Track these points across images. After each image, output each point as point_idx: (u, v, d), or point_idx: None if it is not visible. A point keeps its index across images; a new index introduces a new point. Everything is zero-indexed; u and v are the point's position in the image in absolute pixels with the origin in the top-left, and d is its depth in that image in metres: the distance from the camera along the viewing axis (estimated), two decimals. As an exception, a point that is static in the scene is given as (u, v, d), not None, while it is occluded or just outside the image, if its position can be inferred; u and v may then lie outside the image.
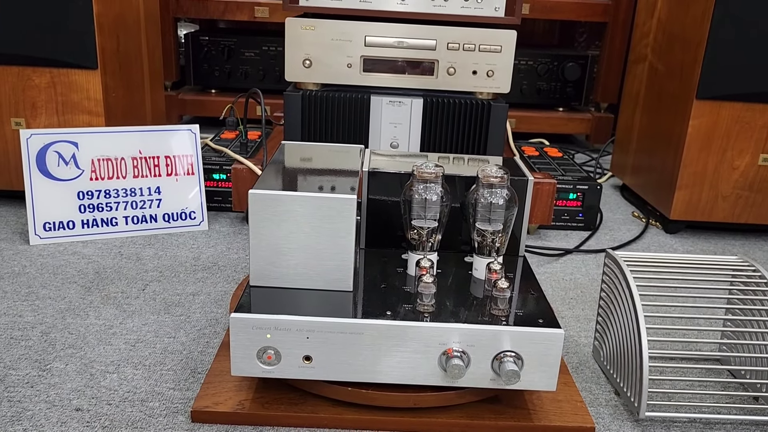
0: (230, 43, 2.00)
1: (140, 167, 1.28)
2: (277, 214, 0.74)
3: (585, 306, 1.09)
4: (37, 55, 1.26)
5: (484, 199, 0.80)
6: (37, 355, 0.87)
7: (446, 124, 1.26)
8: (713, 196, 1.37)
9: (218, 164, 1.40)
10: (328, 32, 1.23)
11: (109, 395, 0.79)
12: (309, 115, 1.25)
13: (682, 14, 1.37)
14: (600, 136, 2.06)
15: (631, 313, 0.80)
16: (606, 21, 2.01)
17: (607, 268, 0.88)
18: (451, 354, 0.71)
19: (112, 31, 1.33)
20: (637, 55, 1.60)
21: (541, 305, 0.77)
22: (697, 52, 1.30)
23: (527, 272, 0.86)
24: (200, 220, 1.32)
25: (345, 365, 0.72)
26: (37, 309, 0.98)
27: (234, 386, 0.79)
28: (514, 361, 0.71)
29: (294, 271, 0.76)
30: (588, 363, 0.93)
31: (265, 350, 0.71)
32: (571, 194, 1.40)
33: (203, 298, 1.04)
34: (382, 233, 0.90)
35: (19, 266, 1.12)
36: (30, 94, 1.29)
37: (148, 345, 0.90)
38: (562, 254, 1.30)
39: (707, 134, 1.33)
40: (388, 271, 0.83)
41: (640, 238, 1.40)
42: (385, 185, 0.88)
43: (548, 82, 2.02)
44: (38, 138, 1.21)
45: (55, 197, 1.22)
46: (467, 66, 1.25)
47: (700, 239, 1.42)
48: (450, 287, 0.80)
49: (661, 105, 1.45)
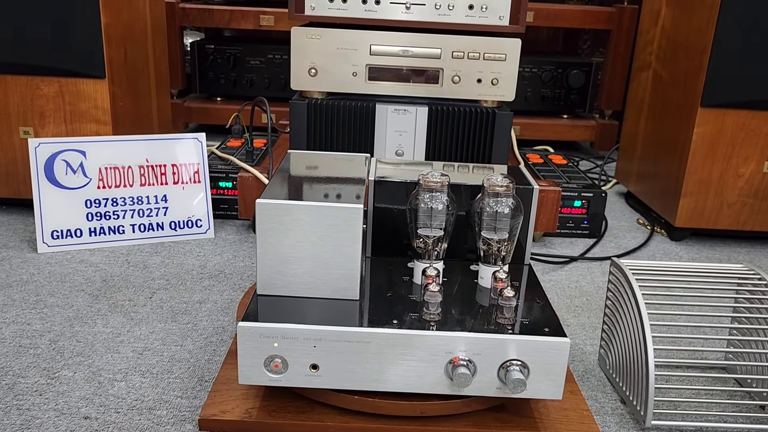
0: (236, 51, 2.01)
1: (147, 175, 1.28)
2: (284, 223, 0.74)
3: (590, 314, 1.09)
4: (45, 65, 1.27)
5: (490, 208, 0.80)
6: (46, 363, 0.87)
7: (451, 132, 1.27)
8: (718, 204, 1.37)
9: (224, 172, 1.40)
10: (333, 41, 1.24)
11: (117, 403, 0.80)
12: (314, 124, 1.26)
13: (686, 22, 1.38)
14: (604, 143, 2.06)
15: (637, 321, 0.80)
16: (610, 28, 2.02)
17: (613, 276, 0.88)
18: (457, 363, 0.71)
19: (120, 41, 1.34)
20: (641, 62, 1.60)
21: (546, 314, 0.77)
22: (701, 60, 1.30)
23: (533, 280, 0.86)
24: (206, 228, 1.32)
25: (352, 374, 0.72)
26: (45, 317, 0.99)
27: (241, 394, 0.79)
28: (520, 370, 0.71)
29: (301, 279, 0.77)
30: (594, 371, 0.93)
31: (272, 359, 0.72)
32: (576, 202, 1.40)
33: (210, 306, 1.05)
34: (388, 242, 0.90)
35: (27, 274, 1.12)
36: (38, 103, 1.30)
37: (156, 353, 0.91)
38: (567, 262, 1.30)
39: (712, 142, 1.33)
40: (394, 279, 0.84)
41: (645, 246, 1.40)
42: (392, 194, 0.88)
43: (552, 89, 2.03)
44: (46, 147, 1.22)
45: (63, 205, 1.23)
46: (472, 74, 1.26)
47: (706, 247, 1.42)
48: (456, 296, 0.80)
49: (666, 112, 1.45)
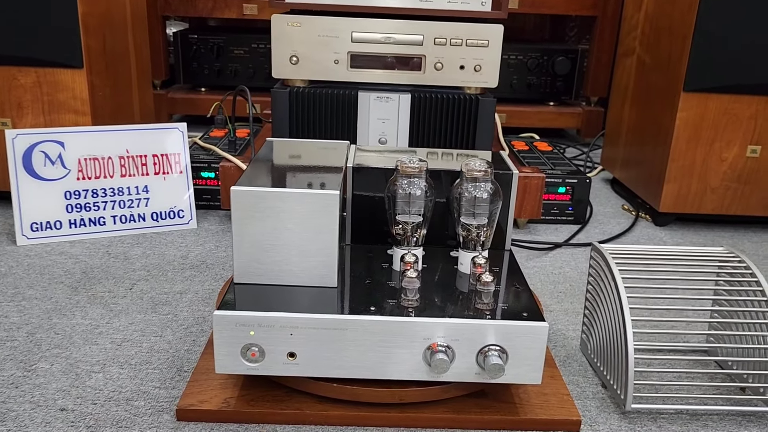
0: (219, 41, 1.99)
1: (128, 166, 1.27)
2: (260, 210, 0.74)
3: (574, 299, 1.09)
4: (22, 55, 1.25)
5: (468, 193, 0.80)
6: (23, 356, 0.86)
7: (434, 119, 1.26)
8: (702, 189, 1.37)
9: (206, 162, 1.39)
10: (314, 28, 1.23)
11: (95, 395, 0.79)
12: (296, 112, 1.25)
13: (669, 6, 1.37)
14: (591, 130, 2.06)
15: (617, 305, 0.80)
16: (595, 15, 2.01)
17: (593, 261, 0.88)
18: (435, 349, 0.71)
19: (98, 29, 1.32)
20: (625, 48, 1.60)
21: (525, 299, 0.77)
22: (683, 44, 1.30)
23: (513, 266, 0.86)
24: (189, 218, 1.31)
25: (329, 361, 0.72)
26: (23, 309, 0.98)
27: (219, 384, 0.79)
28: (498, 355, 0.71)
29: (278, 267, 0.76)
30: (575, 356, 0.93)
31: (248, 347, 0.71)
32: (561, 188, 1.40)
33: (191, 297, 1.04)
34: (367, 229, 0.89)
35: (6, 267, 1.11)
36: (16, 93, 1.29)
37: (135, 344, 0.90)
38: (551, 248, 1.30)
39: (695, 126, 1.33)
40: (374, 266, 0.83)
41: (629, 231, 1.40)
42: (371, 181, 0.87)
43: (538, 76, 2.02)
44: (24, 138, 1.20)
45: (42, 197, 1.22)
46: (454, 61, 1.25)
47: (690, 231, 1.42)
48: (435, 282, 0.80)
49: (649, 98, 1.45)
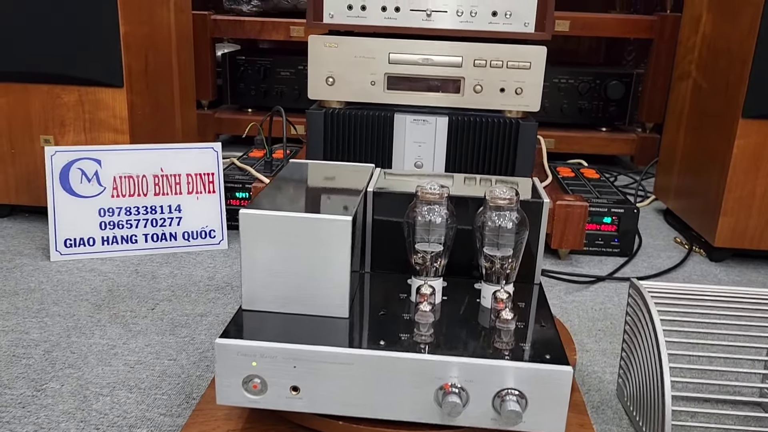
0: (266, 62, 2.00)
1: (161, 185, 1.27)
2: (269, 235, 0.71)
3: (613, 339, 1.01)
4: (65, 73, 1.28)
5: (492, 222, 0.75)
6: (36, 374, 0.85)
7: (472, 143, 1.21)
8: (762, 223, 1.27)
9: (241, 183, 1.38)
10: (351, 49, 1.21)
11: (99, 419, 0.77)
12: (332, 134, 1.23)
13: (728, 29, 1.29)
14: (645, 157, 1.97)
15: (653, 347, 0.73)
16: (652, 37, 1.92)
17: (631, 298, 0.81)
18: (447, 390, 0.66)
19: (140, 50, 1.34)
20: (680, 71, 1.51)
21: (550, 339, 0.71)
22: (743, 69, 1.21)
23: (542, 301, 0.80)
24: (220, 238, 1.30)
25: (334, 398, 0.67)
26: (44, 326, 0.97)
27: (224, 414, 0.75)
28: (516, 401, 0.65)
29: (287, 294, 0.72)
30: (611, 402, 0.85)
31: (250, 379, 0.68)
32: (606, 218, 1.32)
33: (211, 320, 1.02)
34: (388, 256, 0.85)
35: (36, 282, 1.12)
36: (59, 111, 1.31)
37: (147, 367, 0.88)
38: (592, 282, 1.23)
39: (754, 155, 1.23)
40: (391, 296, 0.79)
41: (680, 266, 1.31)
42: (392, 206, 0.83)
43: (590, 101, 1.95)
44: (62, 155, 1.22)
45: (77, 214, 1.23)
46: (495, 83, 1.21)
47: (748, 269, 1.32)
48: (455, 316, 0.75)
49: (705, 124, 1.36)
